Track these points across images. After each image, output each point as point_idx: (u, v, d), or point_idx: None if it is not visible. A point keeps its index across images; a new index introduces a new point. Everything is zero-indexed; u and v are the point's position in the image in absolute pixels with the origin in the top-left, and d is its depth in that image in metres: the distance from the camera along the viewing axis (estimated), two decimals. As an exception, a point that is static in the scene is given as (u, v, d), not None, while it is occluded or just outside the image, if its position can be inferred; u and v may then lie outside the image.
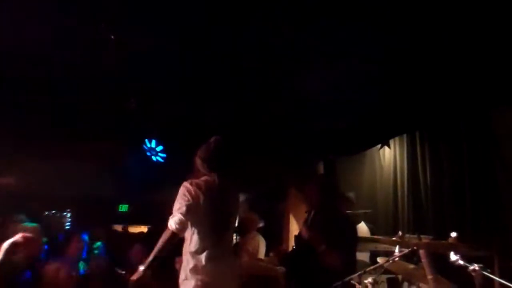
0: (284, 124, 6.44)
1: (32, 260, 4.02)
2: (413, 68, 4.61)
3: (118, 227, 11.58)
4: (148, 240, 6.03)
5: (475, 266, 2.65)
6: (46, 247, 4.35)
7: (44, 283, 4.08)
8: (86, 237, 6.29)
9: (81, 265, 4.99)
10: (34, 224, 4.27)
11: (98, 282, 4.97)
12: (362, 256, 5.01)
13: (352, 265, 3.66)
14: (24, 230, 4.03)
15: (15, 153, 6.73)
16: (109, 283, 5.02)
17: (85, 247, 5.58)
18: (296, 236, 4.08)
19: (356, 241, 3.88)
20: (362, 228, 5.66)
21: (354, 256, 3.84)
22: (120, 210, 12.90)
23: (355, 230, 3.93)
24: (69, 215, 11.23)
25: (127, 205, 12.87)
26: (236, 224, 3.71)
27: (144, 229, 11.06)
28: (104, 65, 4.70)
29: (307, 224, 3.88)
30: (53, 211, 10.89)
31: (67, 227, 10.57)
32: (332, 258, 3.53)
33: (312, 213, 3.92)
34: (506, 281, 2.62)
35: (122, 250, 5.62)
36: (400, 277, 4.16)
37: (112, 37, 3.90)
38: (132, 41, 4.30)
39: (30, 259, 3.97)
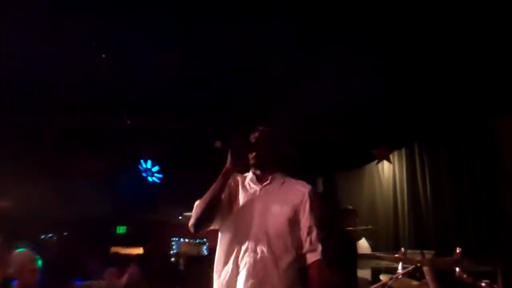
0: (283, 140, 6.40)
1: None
2: (411, 81, 4.60)
3: (120, 249, 11.39)
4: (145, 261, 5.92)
5: (482, 283, 2.58)
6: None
7: None
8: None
9: None
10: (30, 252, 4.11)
11: None
12: (364, 273, 4.91)
13: (353, 282, 3.59)
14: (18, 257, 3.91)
15: (10, 175, 6.66)
16: None
17: None
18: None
19: (355, 257, 3.80)
20: (363, 245, 5.57)
21: (355, 272, 3.77)
22: (118, 232, 12.77)
23: (354, 247, 3.87)
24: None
25: (125, 227, 12.75)
26: None
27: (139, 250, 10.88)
28: (99, 85, 4.69)
29: None
30: (50, 235, 10.78)
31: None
32: (331, 274, 3.46)
33: None
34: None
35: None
36: (403, 294, 4.08)
37: (104, 55, 3.88)
38: (127, 61, 4.29)
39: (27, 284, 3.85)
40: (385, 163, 6.65)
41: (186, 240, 14.83)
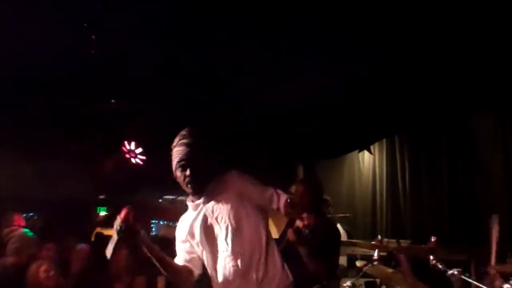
0: (264, 128, 6.42)
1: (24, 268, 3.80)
2: (393, 73, 4.65)
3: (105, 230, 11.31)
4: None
5: (454, 271, 2.67)
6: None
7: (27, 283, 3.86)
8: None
9: None
10: (26, 231, 4.02)
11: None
12: (340, 259, 5.01)
13: (336, 269, 3.65)
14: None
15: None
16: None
17: None
18: (276, 240, 4.04)
19: (339, 244, 3.85)
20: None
21: (338, 259, 3.81)
22: (98, 212, 12.69)
23: (338, 233, 3.91)
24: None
25: (105, 208, 12.67)
26: None
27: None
28: (82, 65, 4.64)
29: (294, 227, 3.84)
30: (31, 213, 10.67)
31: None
32: (317, 262, 3.48)
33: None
34: (483, 285, 2.64)
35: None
36: (378, 280, 4.17)
37: (93, 37, 3.83)
38: (112, 42, 4.25)
39: (21, 266, 3.77)
40: (366, 153, 6.74)
41: (165, 222, 14.79)
